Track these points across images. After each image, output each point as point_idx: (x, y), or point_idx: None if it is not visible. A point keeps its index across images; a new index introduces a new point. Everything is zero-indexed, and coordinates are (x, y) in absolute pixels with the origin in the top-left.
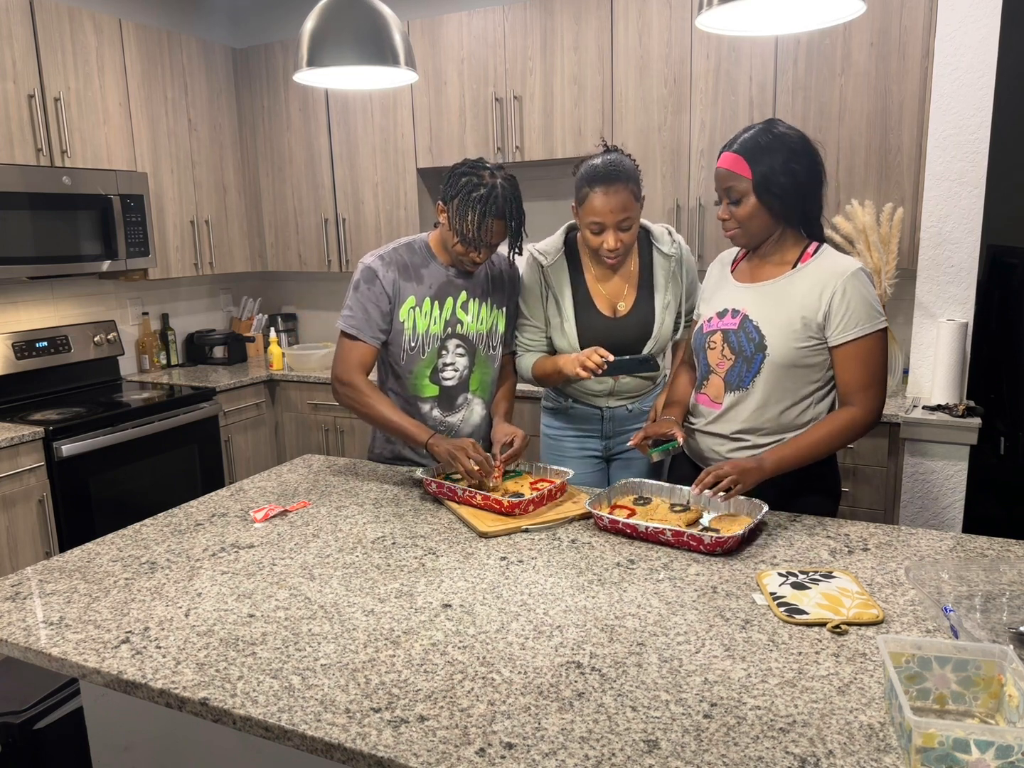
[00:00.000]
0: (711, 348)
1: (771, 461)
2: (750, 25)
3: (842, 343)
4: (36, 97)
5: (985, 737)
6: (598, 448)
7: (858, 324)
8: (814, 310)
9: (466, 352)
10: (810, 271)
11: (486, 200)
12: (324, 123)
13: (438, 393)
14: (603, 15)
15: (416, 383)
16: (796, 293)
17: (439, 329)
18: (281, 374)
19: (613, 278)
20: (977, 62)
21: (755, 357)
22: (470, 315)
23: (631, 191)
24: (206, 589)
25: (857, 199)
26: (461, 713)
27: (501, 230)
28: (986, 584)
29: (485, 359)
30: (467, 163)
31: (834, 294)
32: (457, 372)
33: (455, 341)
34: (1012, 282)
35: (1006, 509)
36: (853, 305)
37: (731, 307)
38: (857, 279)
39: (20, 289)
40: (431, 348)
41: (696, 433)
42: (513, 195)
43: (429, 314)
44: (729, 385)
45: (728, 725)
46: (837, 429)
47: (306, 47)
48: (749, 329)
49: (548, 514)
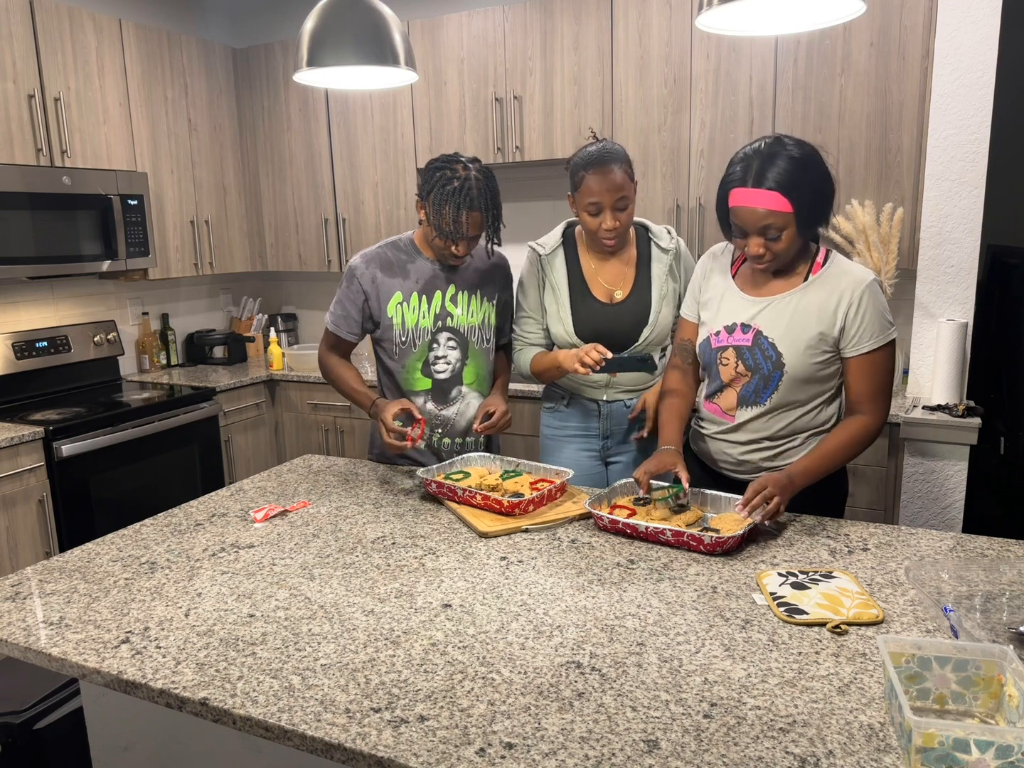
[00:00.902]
0: (723, 364)
1: (800, 476)
2: (750, 25)
3: (855, 355)
4: (36, 97)
5: (985, 737)
6: (596, 449)
7: (872, 337)
8: (831, 324)
9: (458, 345)
10: (824, 283)
11: (460, 192)
12: (324, 123)
13: (431, 386)
14: (603, 15)
15: (408, 376)
16: (812, 307)
17: (429, 323)
18: (281, 374)
19: (611, 267)
20: (977, 62)
21: (773, 375)
22: (460, 308)
23: (625, 172)
24: (206, 589)
25: (857, 199)
26: (461, 713)
27: (478, 222)
28: (986, 584)
29: (479, 352)
30: (441, 157)
31: (850, 307)
32: (449, 365)
33: (446, 334)
34: (1012, 282)
35: (1006, 509)
36: (868, 318)
37: (741, 322)
38: (872, 291)
39: (20, 289)
40: (422, 342)
41: (707, 438)
42: (488, 186)
43: (417, 308)
44: (744, 400)
45: (728, 725)
46: (853, 438)
47: (306, 47)
48: (765, 346)
49: (548, 514)
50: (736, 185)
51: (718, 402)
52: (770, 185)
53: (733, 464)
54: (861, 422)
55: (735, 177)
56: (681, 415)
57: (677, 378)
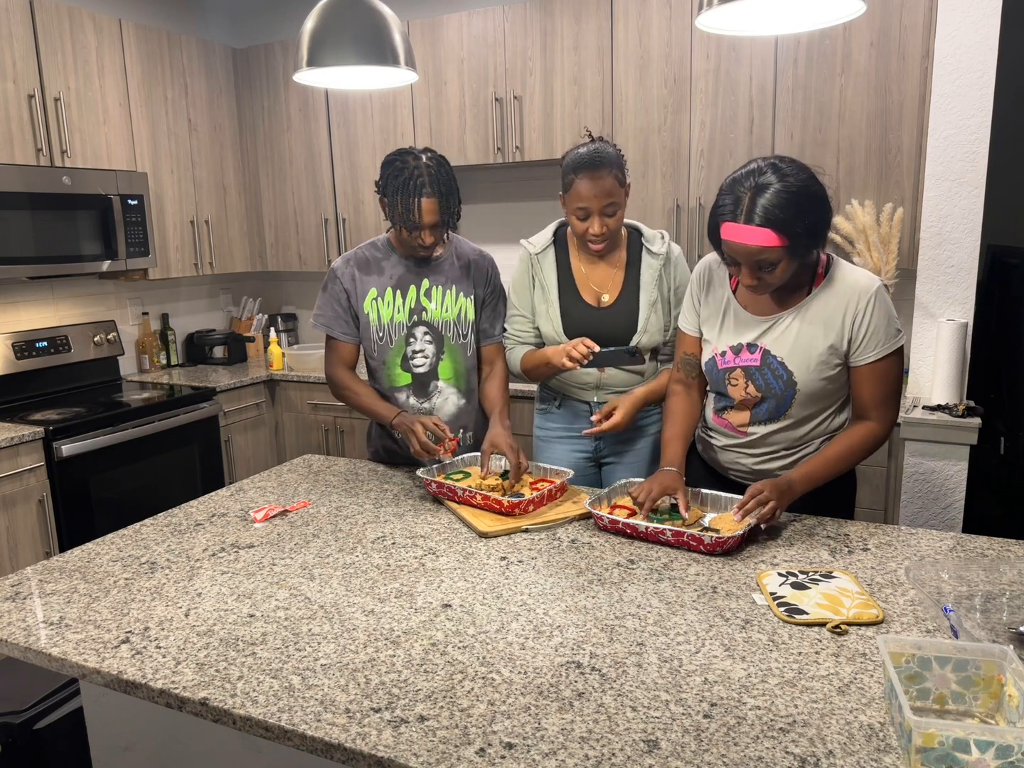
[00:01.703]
0: (732, 384)
1: (801, 482)
2: (750, 25)
3: (863, 364)
4: (36, 97)
5: (985, 737)
6: (589, 450)
7: (879, 345)
8: (839, 337)
9: (433, 340)
10: (829, 294)
11: (410, 181)
12: (324, 123)
13: (411, 381)
14: (603, 15)
15: (389, 372)
16: (818, 321)
17: (404, 317)
18: (281, 374)
19: (599, 270)
20: (977, 62)
21: (786, 395)
22: (434, 302)
23: (616, 177)
24: (206, 589)
25: (857, 199)
26: (461, 713)
27: (433, 208)
28: (986, 584)
29: (455, 347)
30: (395, 151)
31: (856, 316)
32: (427, 359)
33: (422, 328)
34: (1012, 282)
35: (1006, 509)
36: (875, 326)
37: (747, 342)
38: (879, 299)
39: (20, 289)
40: (398, 336)
41: (717, 448)
42: (439, 172)
43: (392, 303)
44: (757, 418)
45: (728, 725)
46: (858, 444)
47: (306, 47)
48: (774, 365)
49: (548, 514)
50: (727, 219)
51: (728, 418)
52: (761, 222)
53: (746, 473)
54: (868, 428)
55: (726, 210)
56: (685, 436)
57: (681, 394)
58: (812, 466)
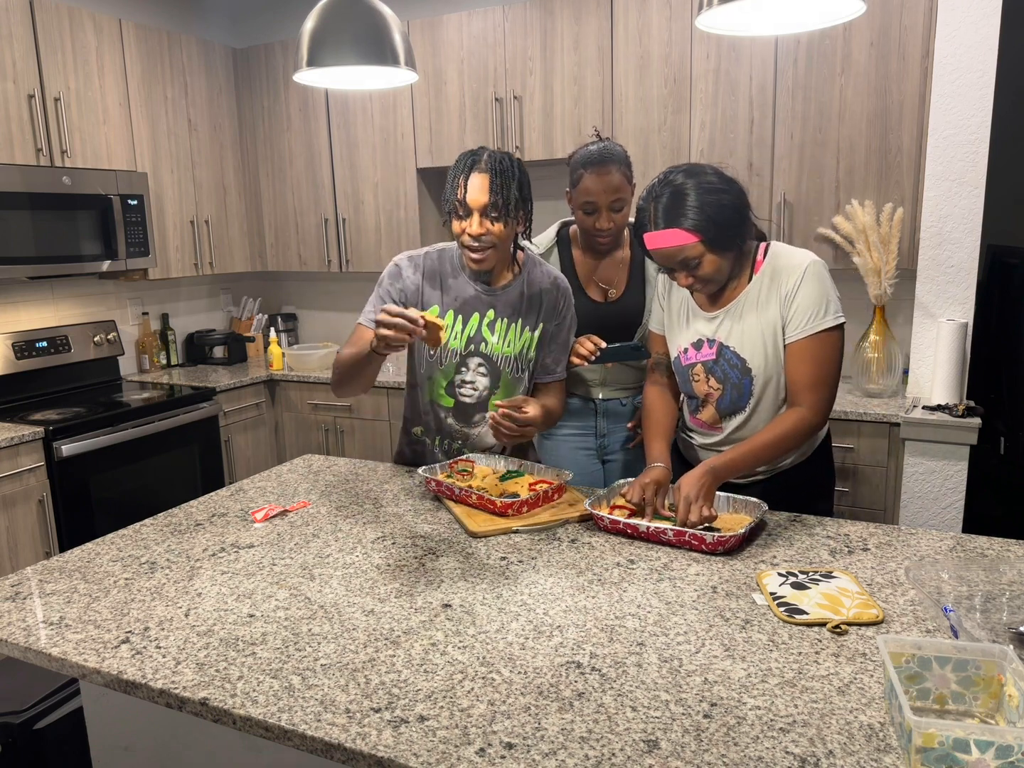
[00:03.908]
0: (695, 380)
1: (723, 469)
2: (750, 25)
3: (793, 340)
4: (36, 97)
5: (985, 737)
6: (593, 447)
7: (809, 320)
8: (777, 315)
9: (488, 373)
10: (766, 277)
11: (469, 156)
12: (324, 123)
13: (453, 405)
14: (603, 15)
15: (435, 390)
16: (759, 304)
17: (459, 345)
18: (281, 374)
19: (604, 267)
20: (977, 62)
21: (743, 382)
22: (496, 336)
23: (623, 174)
24: (206, 589)
25: (857, 199)
26: (461, 713)
27: (483, 185)
28: (986, 584)
29: (511, 382)
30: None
31: (788, 292)
32: (476, 392)
33: (477, 359)
34: (1012, 282)
35: (1006, 509)
36: (805, 301)
37: (705, 337)
38: (811, 273)
39: (20, 289)
40: (449, 362)
41: (697, 448)
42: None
43: (451, 328)
44: (724, 412)
45: (728, 725)
46: (786, 432)
47: (306, 47)
48: (728, 356)
49: (542, 516)
50: (645, 231)
51: (701, 417)
52: (667, 224)
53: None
54: (797, 414)
55: (644, 224)
56: (666, 433)
57: (656, 394)
58: (737, 453)
